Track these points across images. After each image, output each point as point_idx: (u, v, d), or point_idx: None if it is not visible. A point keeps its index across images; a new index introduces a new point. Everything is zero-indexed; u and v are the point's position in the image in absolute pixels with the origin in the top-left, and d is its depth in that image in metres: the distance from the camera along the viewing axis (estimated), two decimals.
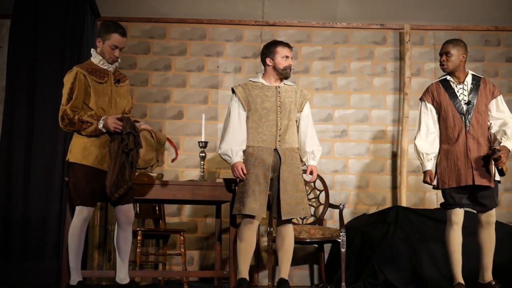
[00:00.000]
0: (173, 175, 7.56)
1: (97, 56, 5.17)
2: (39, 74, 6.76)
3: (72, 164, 5.05)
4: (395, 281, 6.43)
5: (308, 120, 5.70)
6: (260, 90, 5.58)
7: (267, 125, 5.53)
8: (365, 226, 7.02)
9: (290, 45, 5.69)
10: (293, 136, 5.60)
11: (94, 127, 4.97)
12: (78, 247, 5.05)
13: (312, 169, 5.60)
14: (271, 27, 7.97)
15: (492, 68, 8.01)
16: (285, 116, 5.55)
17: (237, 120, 5.55)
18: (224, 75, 7.88)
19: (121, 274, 5.21)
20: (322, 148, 5.77)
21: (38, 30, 6.81)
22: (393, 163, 7.80)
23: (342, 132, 7.84)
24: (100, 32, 5.17)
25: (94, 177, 5.01)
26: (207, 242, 7.55)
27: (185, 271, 6.63)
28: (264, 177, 5.45)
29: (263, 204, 5.42)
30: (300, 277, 7.55)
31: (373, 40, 8.04)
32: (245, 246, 5.48)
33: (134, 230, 6.52)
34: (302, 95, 5.70)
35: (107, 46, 5.12)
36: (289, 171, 5.49)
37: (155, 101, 7.78)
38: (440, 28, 8.02)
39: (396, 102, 7.90)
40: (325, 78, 7.93)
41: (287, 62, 5.60)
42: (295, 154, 5.58)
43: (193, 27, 7.94)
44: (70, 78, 5.04)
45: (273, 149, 5.52)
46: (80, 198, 4.99)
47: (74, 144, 5.06)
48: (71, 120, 4.96)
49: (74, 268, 5.07)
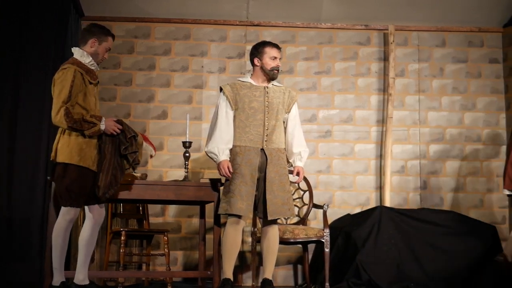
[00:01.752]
0: (157, 175, 7.54)
1: (87, 56, 5.15)
2: (23, 73, 6.71)
3: (65, 165, 4.99)
4: (378, 281, 6.45)
5: (296, 121, 5.70)
6: (248, 90, 5.58)
7: (254, 124, 5.53)
8: (349, 226, 7.03)
9: (279, 46, 5.69)
10: (280, 137, 5.60)
11: (98, 128, 4.99)
12: (62, 248, 5.04)
13: (299, 170, 5.61)
14: (255, 27, 7.97)
15: (475, 69, 8.05)
16: (273, 116, 5.55)
17: (224, 119, 5.54)
18: (209, 75, 7.87)
19: (81, 275, 5.19)
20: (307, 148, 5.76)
21: (22, 29, 6.77)
22: (377, 163, 7.82)
23: (326, 132, 7.85)
24: (95, 33, 5.17)
25: (88, 178, 5.01)
26: (191, 242, 7.53)
27: (169, 272, 6.62)
28: (251, 177, 5.44)
29: (249, 204, 5.41)
30: (284, 277, 7.56)
31: (358, 41, 8.06)
32: (230, 247, 5.45)
33: (118, 231, 6.51)
34: (290, 96, 5.69)
35: (102, 47, 5.17)
36: (275, 172, 5.50)
37: (139, 101, 7.76)
38: (424, 29, 8.06)
39: (380, 103, 7.93)
40: (309, 79, 7.94)
41: (275, 63, 5.61)
42: (281, 154, 5.58)
43: (177, 27, 7.93)
44: (69, 76, 4.97)
45: (260, 149, 5.52)
46: (71, 199, 4.97)
47: (66, 144, 4.99)
48: (75, 119, 4.92)
49: (58, 268, 5.04)
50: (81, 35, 5.29)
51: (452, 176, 7.83)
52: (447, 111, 7.96)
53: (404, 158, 7.84)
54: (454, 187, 7.81)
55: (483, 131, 7.94)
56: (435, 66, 8.03)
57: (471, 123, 7.95)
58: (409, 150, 7.87)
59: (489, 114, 7.98)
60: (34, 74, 6.71)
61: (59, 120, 4.93)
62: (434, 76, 8.02)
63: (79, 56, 5.16)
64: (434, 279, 6.61)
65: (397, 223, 6.90)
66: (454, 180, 7.83)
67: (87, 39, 5.19)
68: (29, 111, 6.61)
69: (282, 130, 5.63)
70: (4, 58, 6.70)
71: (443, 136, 7.91)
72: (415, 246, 6.76)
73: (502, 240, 7.24)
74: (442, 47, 8.08)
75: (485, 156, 7.90)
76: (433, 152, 7.87)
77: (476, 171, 7.86)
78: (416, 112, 7.93)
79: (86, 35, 5.21)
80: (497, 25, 8.07)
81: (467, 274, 6.65)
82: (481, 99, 8.01)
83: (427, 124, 7.92)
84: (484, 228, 7.01)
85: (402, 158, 7.84)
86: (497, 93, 8.02)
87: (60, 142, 5.04)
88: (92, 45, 5.16)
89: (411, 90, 7.97)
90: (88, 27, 5.29)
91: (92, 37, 5.17)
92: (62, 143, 5.01)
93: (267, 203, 5.43)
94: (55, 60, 6.80)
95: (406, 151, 7.86)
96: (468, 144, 7.91)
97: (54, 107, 4.96)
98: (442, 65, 8.04)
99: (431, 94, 7.98)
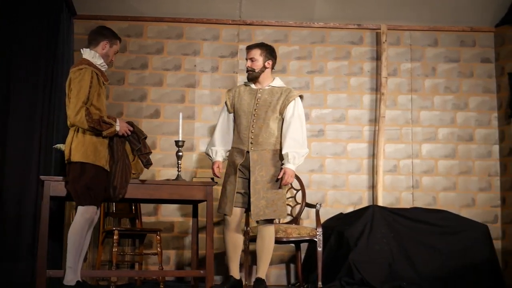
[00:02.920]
0: (150, 174, 7.52)
1: (98, 58, 5.23)
2: (14, 72, 6.68)
3: (82, 163, 5.04)
4: (371, 280, 6.45)
5: (291, 121, 5.62)
6: (245, 93, 5.72)
7: (242, 127, 5.63)
8: (342, 225, 7.04)
9: (249, 46, 5.77)
10: (270, 138, 5.59)
11: (114, 128, 5.11)
12: (78, 247, 5.07)
13: (284, 171, 5.56)
14: (248, 26, 7.96)
15: (467, 68, 8.07)
16: (260, 118, 5.59)
17: (221, 123, 5.77)
18: (201, 74, 7.86)
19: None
20: (306, 151, 5.63)
21: (13, 28, 6.73)
22: (369, 162, 7.83)
23: (319, 131, 7.86)
24: (107, 36, 5.28)
25: (104, 177, 5.10)
26: (183, 242, 7.52)
27: (162, 271, 6.61)
28: (234, 176, 5.57)
29: (230, 201, 5.53)
30: (277, 276, 7.56)
31: (350, 40, 8.06)
32: (227, 245, 5.65)
33: (110, 230, 6.50)
34: (287, 96, 5.66)
35: (113, 50, 5.31)
36: (262, 174, 5.53)
37: (131, 100, 7.74)
38: (416, 29, 8.07)
39: (373, 102, 7.93)
40: (302, 78, 7.94)
41: (247, 64, 5.73)
42: (268, 155, 5.58)
43: (170, 26, 7.91)
44: (87, 77, 5.05)
45: (246, 151, 5.59)
46: (90, 198, 5.03)
47: (81, 144, 5.05)
48: (94, 120, 5.00)
49: (72, 268, 5.05)
50: (92, 36, 5.33)
51: (444, 175, 7.85)
52: (440, 110, 7.98)
53: (397, 158, 7.85)
54: (446, 186, 7.83)
55: (475, 131, 7.96)
56: (428, 66, 8.05)
57: (463, 122, 7.97)
58: (402, 150, 7.88)
59: (481, 114, 8.00)
60: (25, 72, 6.67)
61: (79, 120, 4.99)
62: (426, 76, 8.03)
63: (90, 57, 5.23)
64: (426, 278, 6.63)
65: (390, 222, 6.91)
66: (446, 179, 7.85)
67: (99, 41, 5.28)
68: (21, 110, 6.58)
69: (272, 131, 5.62)
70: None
71: (435, 136, 7.93)
72: (408, 245, 6.77)
73: (494, 239, 7.26)
74: (434, 47, 8.09)
75: (477, 156, 7.91)
76: (425, 151, 7.88)
77: (468, 170, 7.88)
78: (408, 111, 7.95)
79: (97, 37, 5.29)
80: (489, 24, 8.08)
81: (459, 273, 6.67)
82: (473, 98, 8.02)
83: (419, 124, 7.93)
84: (476, 227, 7.03)
85: (395, 158, 7.85)
86: (489, 92, 8.03)
87: (74, 142, 5.08)
88: (103, 47, 5.27)
89: (404, 90, 7.99)
90: (99, 29, 5.37)
91: (104, 39, 5.27)
92: (77, 143, 5.06)
93: (251, 205, 5.51)
94: (46, 59, 6.77)
95: (399, 150, 7.87)
96: (460, 143, 7.92)
97: (73, 107, 5.03)
98: (434, 65, 8.05)
99: (423, 93, 7.99)
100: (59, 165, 7.01)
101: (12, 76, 6.65)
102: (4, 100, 6.63)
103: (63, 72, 7.17)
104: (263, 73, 5.70)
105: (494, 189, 7.85)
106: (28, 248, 6.45)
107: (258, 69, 5.67)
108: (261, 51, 5.70)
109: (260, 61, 5.68)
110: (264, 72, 5.70)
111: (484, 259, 6.81)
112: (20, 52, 6.71)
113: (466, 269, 6.70)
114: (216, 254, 7.12)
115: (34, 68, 6.69)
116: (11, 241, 6.42)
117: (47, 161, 6.71)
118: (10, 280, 6.30)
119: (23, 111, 6.56)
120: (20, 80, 6.65)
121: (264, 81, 5.72)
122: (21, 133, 6.58)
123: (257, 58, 5.68)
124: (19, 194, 6.50)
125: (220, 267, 7.41)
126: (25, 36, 6.75)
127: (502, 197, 7.80)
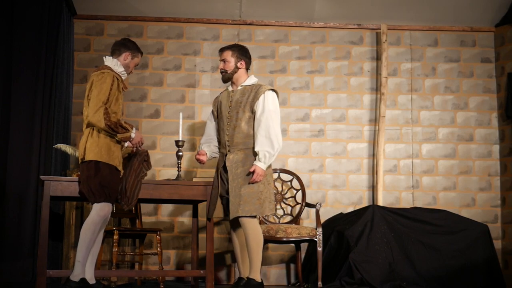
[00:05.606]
0: (150, 174, 7.52)
1: (120, 66, 5.38)
2: (15, 73, 6.68)
3: (96, 162, 5.11)
4: (371, 279, 6.46)
5: (261, 119, 5.54)
6: (223, 97, 5.79)
7: (221, 131, 5.73)
8: (342, 225, 7.04)
9: (221, 48, 5.80)
10: (244, 138, 5.59)
11: (129, 134, 5.21)
12: (89, 243, 5.12)
13: (254, 169, 5.49)
14: (248, 26, 7.96)
15: (467, 68, 8.08)
16: (233, 120, 5.62)
17: (208, 126, 5.92)
18: (201, 74, 7.86)
19: (89, 274, 5.23)
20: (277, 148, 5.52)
21: (14, 28, 6.74)
22: (369, 162, 7.83)
23: (319, 131, 7.86)
24: (130, 48, 5.45)
25: (117, 176, 5.21)
26: (183, 242, 7.53)
27: (162, 271, 6.60)
28: (216, 179, 5.65)
29: (213, 204, 5.62)
30: (277, 276, 7.56)
31: (350, 40, 8.07)
32: (234, 247, 5.76)
33: (110, 230, 6.50)
34: (256, 93, 5.62)
35: (133, 62, 5.48)
36: (235, 172, 5.55)
37: (131, 100, 7.75)
38: (416, 28, 8.07)
39: (373, 102, 7.94)
40: (302, 78, 7.94)
41: (220, 66, 5.78)
42: (241, 154, 5.58)
43: (170, 26, 7.92)
44: (109, 80, 5.18)
45: (225, 154, 5.65)
46: (105, 195, 5.11)
47: (95, 144, 5.14)
48: (111, 121, 5.10)
49: (81, 262, 5.09)
50: (116, 47, 5.47)
51: (444, 175, 7.85)
52: (440, 110, 7.98)
53: (397, 157, 7.85)
54: (446, 186, 7.83)
55: (475, 130, 7.96)
56: (428, 66, 8.05)
57: (463, 122, 7.97)
58: (402, 149, 7.88)
59: (481, 114, 8.00)
60: (25, 73, 6.69)
61: (97, 118, 5.09)
62: (426, 76, 8.03)
63: (112, 65, 5.37)
64: (426, 277, 6.63)
65: (390, 222, 6.91)
66: (446, 179, 7.85)
67: (122, 51, 5.44)
68: (21, 110, 6.59)
69: (245, 130, 5.59)
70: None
71: (435, 135, 7.93)
72: (408, 245, 6.77)
73: (494, 239, 7.27)
74: (434, 47, 8.09)
75: (477, 155, 7.92)
76: (425, 151, 7.89)
77: (468, 170, 7.88)
78: (408, 111, 7.95)
79: (121, 48, 5.45)
80: (489, 24, 8.09)
81: (459, 273, 6.67)
82: (473, 98, 8.03)
83: (419, 123, 7.93)
84: (476, 227, 7.03)
85: (395, 157, 7.85)
86: (489, 92, 8.04)
87: (88, 142, 5.17)
88: (125, 58, 5.43)
89: (404, 90, 7.99)
90: (123, 41, 5.54)
91: (127, 50, 5.44)
92: (91, 142, 5.15)
93: (229, 203, 5.55)
94: (47, 60, 6.78)
95: (399, 150, 7.88)
96: (461, 143, 7.93)
97: (93, 106, 5.12)
98: (434, 65, 8.06)
99: (423, 93, 7.99)
100: (59, 165, 7.02)
101: (12, 76, 6.66)
102: (5, 100, 6.63)
103: (63, 72, 7.18)
104: (236, 73, 5.69)
105: (494, 189, 7.86)
106: (29, 248, 6.46)
107: (231, 70, 5.68)
108: (232, 52, 5.70)
109: (232, 62, 5.69)
110: (237, 72, 5.69)
111: (484, 258, 6.81)
112: (20, 52, 6.71)
113: (466, 269, 6.70)
114: (216, 254, 7.13)
115: (34, 68, 6.70)
116: (12, 240, 6.43)
117: (47, 161, 6.72)
118: (10, 279, 6.31)
119: (24, 111, 6.57)
120: (20, 80, 6.66)
121: (238, 82, 5.72)
122: (21, 133, 6.59)
123: (229, 60, 5.69)
124: (19, 194, 6.51)
125: (220, 267, 7.41)
126: (25, 36, 6.76)
127: (502, 197, 7.81)
